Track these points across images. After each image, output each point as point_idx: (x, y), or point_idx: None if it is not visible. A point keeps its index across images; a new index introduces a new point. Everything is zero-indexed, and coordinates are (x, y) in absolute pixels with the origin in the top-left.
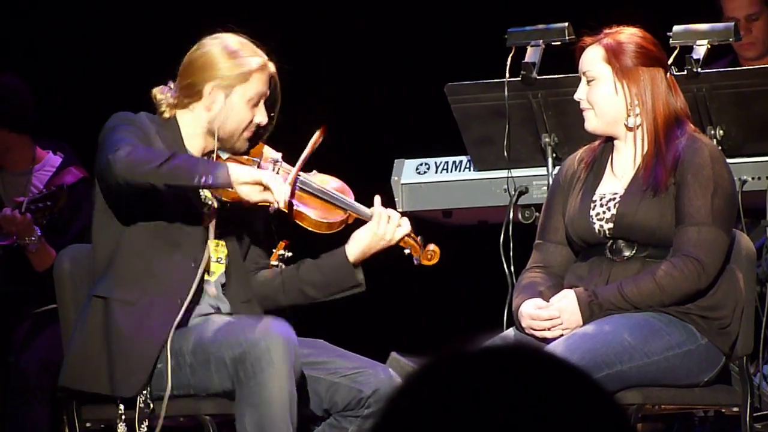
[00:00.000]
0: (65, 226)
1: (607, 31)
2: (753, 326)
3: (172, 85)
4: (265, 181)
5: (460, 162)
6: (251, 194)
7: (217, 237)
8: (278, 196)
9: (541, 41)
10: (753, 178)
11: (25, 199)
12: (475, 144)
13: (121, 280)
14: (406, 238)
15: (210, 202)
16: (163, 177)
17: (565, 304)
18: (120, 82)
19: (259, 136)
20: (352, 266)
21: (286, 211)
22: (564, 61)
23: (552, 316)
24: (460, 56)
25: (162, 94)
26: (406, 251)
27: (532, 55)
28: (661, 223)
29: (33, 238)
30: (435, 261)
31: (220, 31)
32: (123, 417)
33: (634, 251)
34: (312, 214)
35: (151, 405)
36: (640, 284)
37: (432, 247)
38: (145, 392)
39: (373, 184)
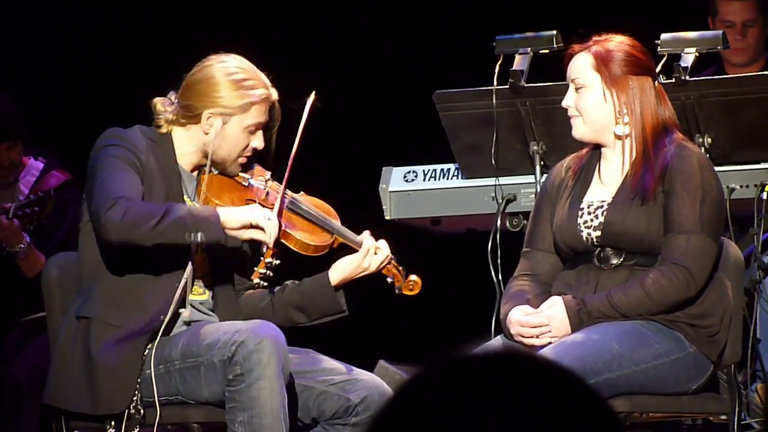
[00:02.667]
0: (52, 229)
1: (596, 38)
2: (741, 334)
3: (173, 97)
4: (254, 222)
5: (448, 170)
6: (241, 235)
7: (204, 252)
8: (269, 237)
9: (529, 49)
10: (741, 186)
11: (12, 205)
12: (463, 152)
13: (107, 301)
14: (388, 266)
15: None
16: (154, 238)
17: (554, 312)
18: (107, 88)
19: (257, 160)
20: (334, 291)
21: (273, 249)
22: (552, 69)
23: (541, 324)
24: (449, 64)
25: (162, 106)
26: (389, 279)
27: (520, 63)
28: (648, 231)
29: (22, 246)
30: (416, 291)
31: (224, 52)
32: (113, 423)
33: (621, 259)
34: (298, 235)
35: (142, 411)
36: (628, 292)
37: (414, 277)
38: (134, 399)
39: (360, 191)
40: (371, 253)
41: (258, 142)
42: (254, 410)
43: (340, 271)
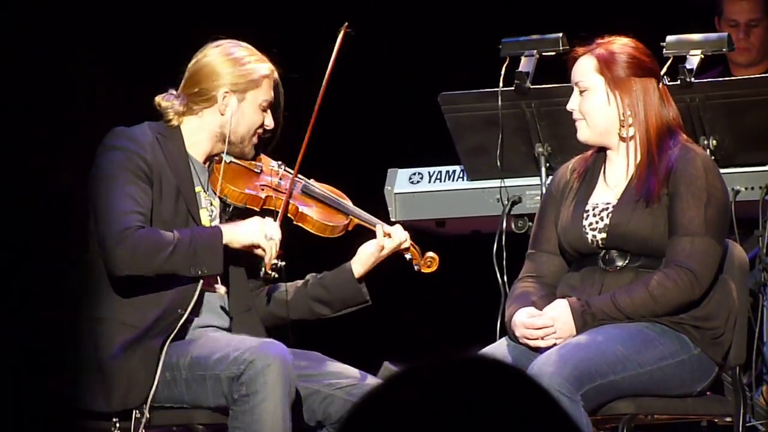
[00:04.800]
0: None
1: (599, 41)
2: (746, 336)
3: (174, 92)
4: (256, 243)
5: (454, 171)
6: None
7: None
8: (268, 256)
9: (534, 51)
10: (746, 188)
11: None
12: (468, 153)
13: (124, 301)
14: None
15: (212, 211)
16: (160, 270)
17: (559, 314)
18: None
19: (264, 143)
20: (357, 283)
21: (279, 264)
22: (558, 71)
23: (545, 326)
24: (454, 66)
25: (167, 101)
26: (407, 257)
27: (525, 64)
28: (653, 233)
29: None
30: (434, 268)
31: (220, 38)
32: (117, 425)
33: (626, 261)
34: (316, 216)
35: (147, 414)
36: (633, 294)
37: (431, 254)
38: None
39: (366, 193)
40: (389, 239)
41: (269, 119)
42: (255, 431)
43: (361, 261)
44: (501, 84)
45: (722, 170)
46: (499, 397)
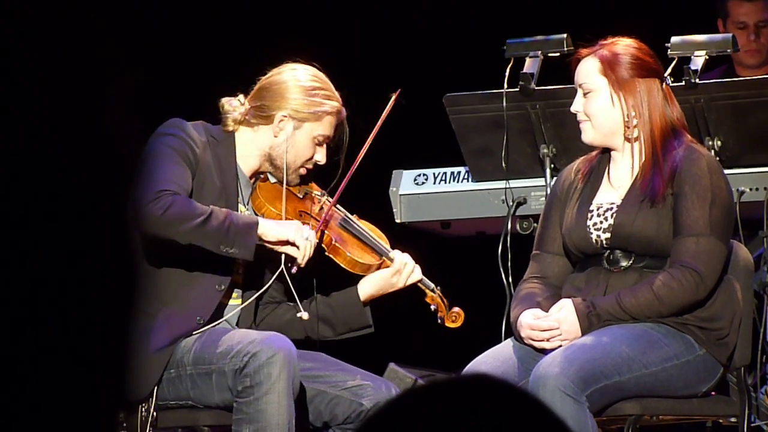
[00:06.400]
0: None
1: (602, 42)
2: (751, 337)
3: (242, 99)
4: (291, 239)
5: (458, 173)
6: (275, 248)
7: (242, 263)
8: (302, 257)
9: (539, 52)
10: (751, 189)
11: None
12: (473, 155)
13: (143, 290)
14: (433, 295)
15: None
16: (190, 239)
17: (564, 315)
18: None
19: (311, 173)
20: (362, 305)
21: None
22: (562, 72)
23: (551, 327)
24: (459, 67)
25: (230, 105)
26: (432, 308)
27: (530, 66)
28: (658, 234)
29: None
30: (459, 324)
31: (299, 61)
32: (124, 425)
33: (631, 261)
34: (348, 251)
35: (154, 414)
36: (638, 295)
37: (457, 309)
38: (147, 401)
39: (371, 195)
40: (404, 270)
41: (321, 155)
42: (261, 423)
43: (369, 285)
44: (506, 85)
45: (727, 171)
46: (505, 419)
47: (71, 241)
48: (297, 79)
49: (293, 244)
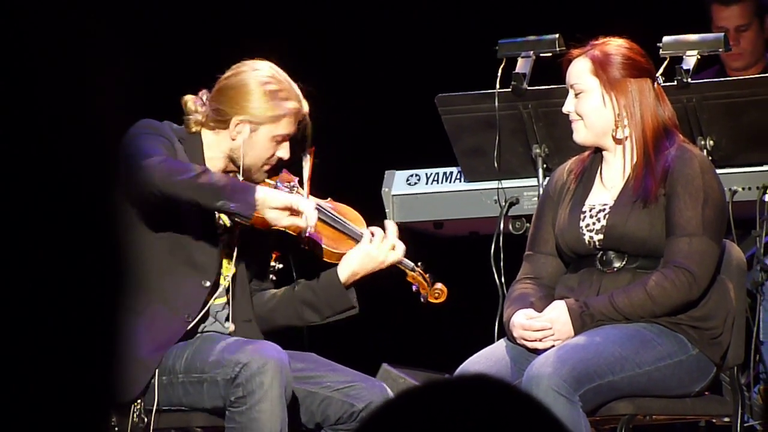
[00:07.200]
0: None
1: (593, 42)
2: (744, 336)
3: (204, 97)
4: (295, 205)
5: (451, 173)
6: (279, 219)
7: (228, 257)
8: (309, 220)
9: (531, 52)
10: (743, 188)
11: None
12: (465, 155)
13: (129, 286)
14: (413, 274)
15: (223, 224)
16: (192, 190)
17: (557, 315)
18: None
19: (280, 166)
20: (343, 287)
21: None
22: (555, 72)
23: (544, 327)
24: (451, 67)
25: (194, 105)
26: (414, 288)
27: (522, 66)
28: (651, 234)
29: None
30: (442, 300)
31: (259, 58)
32: (116, 429)
33: (624, 262)
34: (324, 242)
35: (144, 418)
36: (631, 295)
37: (440, 285)
38: (139, 404)
39: (363, 195)
40: (376, 239)
41: (284, 152)
42: None
43: (348, 263)
44: (498, 85)
45: (719, 170)
46: (503, 419)
47: (56, 238)
48: (254, 83)
49: (296, 213)
